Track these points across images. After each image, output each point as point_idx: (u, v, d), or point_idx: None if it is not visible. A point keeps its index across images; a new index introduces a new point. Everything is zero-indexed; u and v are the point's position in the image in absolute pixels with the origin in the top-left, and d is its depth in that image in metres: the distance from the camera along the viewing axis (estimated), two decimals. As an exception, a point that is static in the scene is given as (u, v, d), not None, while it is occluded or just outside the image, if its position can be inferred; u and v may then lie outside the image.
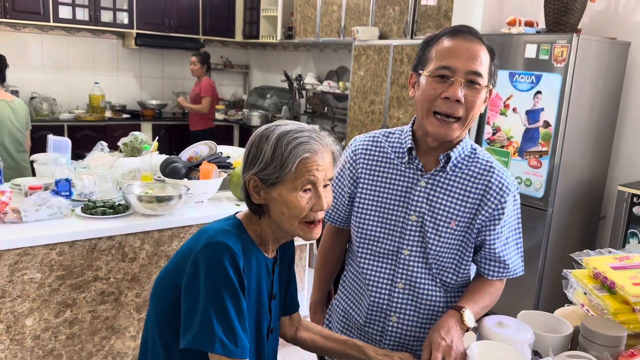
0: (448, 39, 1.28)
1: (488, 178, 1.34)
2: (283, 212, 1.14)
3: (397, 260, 1.39)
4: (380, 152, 1.42)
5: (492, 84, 1.32)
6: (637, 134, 3.13)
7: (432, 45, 1.31)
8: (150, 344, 1.22)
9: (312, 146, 1.12)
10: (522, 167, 3.02)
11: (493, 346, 1.17)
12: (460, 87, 1.25)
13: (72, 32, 5.70)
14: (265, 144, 1.13)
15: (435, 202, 1.35)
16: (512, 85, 3.04)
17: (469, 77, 1.25)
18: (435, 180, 1.36)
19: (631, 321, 1.24)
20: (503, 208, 1.34)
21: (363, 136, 1.47)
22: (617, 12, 3.15)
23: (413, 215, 1.36)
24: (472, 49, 1.26)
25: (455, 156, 1.34)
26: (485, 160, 1.37)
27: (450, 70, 1.25)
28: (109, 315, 2.09)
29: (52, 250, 1.91)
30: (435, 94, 1.27)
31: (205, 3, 6.18)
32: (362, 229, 1.43)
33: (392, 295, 1.40)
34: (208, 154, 2.52)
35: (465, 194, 1.34)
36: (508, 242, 1.39)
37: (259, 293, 1.21)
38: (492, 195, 1.34)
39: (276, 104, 6.26)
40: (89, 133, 5.49)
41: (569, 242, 3.05)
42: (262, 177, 1.13)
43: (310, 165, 1.12)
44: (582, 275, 1.39)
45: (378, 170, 1.41)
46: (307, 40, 5.32)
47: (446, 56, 1.26)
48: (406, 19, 4.09)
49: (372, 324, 1.44)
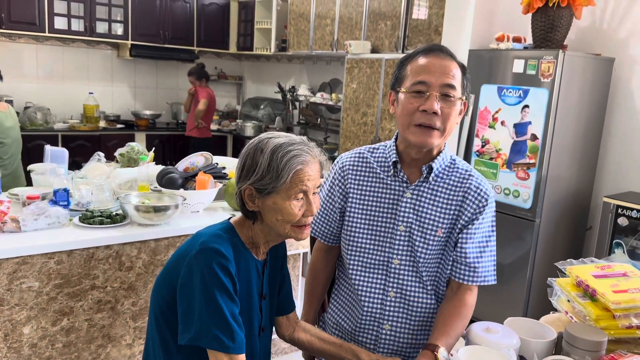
0: (422, 57, 1.38)
1: (467, 185, 1.42)
2: (277, 218, 1.23)
3: (388, 269, 1.45)
4: (367, 166, 1.49)
5: (466, 96, 1.40)
6: (622, 146, 3.22)
7: (407, 64, 1.40)
8: (151, 342, 1.30)
9: (305, 158, 1.21)
10: (510, 178, 3.09)
11: (480, 351, 1.22)
12: (436, 100, 1.33)
13: (67, 42, 5.74)
14: (261, 157, 1.21)
15: (421, 211, 1.42)
16: (500, 99, 3.12)
17: (443, 90, 1.34)
18: (420, 190, 1.43)
19: (611, 327, 1.30)
20: (480, 213, 1.41)
21: (349, 153, 1.55)
22: (602, 29, 3.25)
23: (401, 226, 1.43)
24: (444, 65, 1.35)
25: (437, 167, 1.42)
26: (464, 169, 1.45)
27: (425, 85, 1.34)
28: (106, 324, 2.12)
29: (51, 259, 1.94)
30: (413, 107, 1.35)
31: (199, 15, 6.25)
32: (353, 241, 1.49)
33: (384, 304, 1.46)
34: (204, 164, 2.57)
35: (448, 202, 1.42)
36: (480, 247, 1.43)
37: (249, 293, 1.29)
38: (470, 200, 1.41)
39: (270, 114, 6.33)
40: (83, 143, 5.51)
41: (556, 252, 3.12)
42: (258, 187, 1.22)
43: (303, 176, 1.21)
44: (566, 284, 1.44)
45: (366, 184, 1.48)
46: (301, 52, 5.40)
47: (421, 72, 1.35)
48: (397, 34, 4.18)
49: (366, 333, 1.49)
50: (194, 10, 6.19)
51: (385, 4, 4.30)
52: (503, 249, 3.15)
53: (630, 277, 1.39)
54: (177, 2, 6.07)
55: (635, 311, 1.29)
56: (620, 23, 3.17)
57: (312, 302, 1.65)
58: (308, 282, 1.66)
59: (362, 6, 4.53)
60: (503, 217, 3.11)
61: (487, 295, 3.19)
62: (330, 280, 1.67)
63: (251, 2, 6.23)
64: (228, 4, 6.45)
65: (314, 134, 5.78)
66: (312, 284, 1.64)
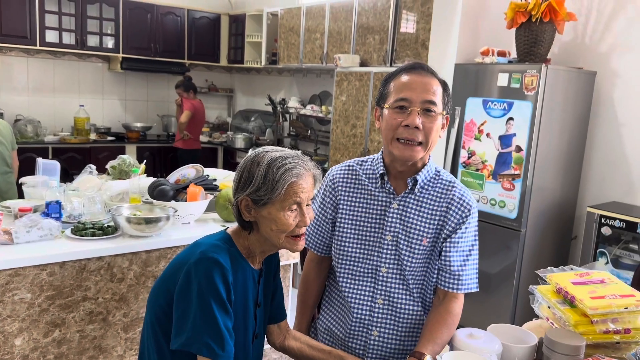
0: (404, 74, 1.45)
1: (450, 195, 1.48)
2: (272, 228, 1.29)
3: (376, 277, 1.50)
4: (356, 179, 1.55)
5: (447, 111, 1.47)
6: (605, 157, 3.30)
7: (390, 81, 1.47)
8: (146, 346, 1.34)
9: (299, 171, 1.28)
10: (496, 189, 3.15)
11: (463, 356, 1.26)
12: (417, 116, 1.40)
13: (58, 55, 5.77)
14: (257, 169, 1.27)
15: (408, 221, 1.48)
16: (485, 112, 3.19)
17: (425, 106, 1.41)
18: (406, 201, 1.49)
19: (590, 332, 1.35)
20: (463, 222, 1.46)
21: (339, 166, 1.61)
22: (584, 43, 3.34)
23: (388, 235, 1.49)
24: (425, 82, 1.42)
25: (421, 179, 1.48)
26: (448, 180, 1.51)
27: (407, 101, 1.41)
28: (97, 335, 2.13)
29: (43, 271, 1.96)
30: (396, 123, 1.42)
31: (190, 28, 6.31)
32: (342, 250, 1.54)
33: (372, 311, 1.51)
34: (195, 176, 2.60)
35: (433, 212, 1.47)
36: (464, 255, 1.48)
37: (245, 301, 1.34)
38: (454, 210, 1.47)
39: (260, 126, 6.37)
40: (73, 155, 5.53)
41: (542, 261, 3.17)
42: (254, 198, 1.27)
43: (297, 188, 1.27)
44: (547, 291, 1.49)
45: (355, 195, 1.54)
46: (291, 65, 5.47)
47: (403, 89, 1.42)
48: (386, 48, 4.25)
49: (355, 339, 1.54)
50: (184, 23, 6.25)
51: (374, 19, 4.39)
52: (490, 259, 3.20)
53: (608, 284, 1.44)
54: (168, 15, 6.13)
55: (612, 316, 1.34)
56: (601, 38, 3.26)
57: (305, 313, 1.69)
58: (300, 292, 1.69)
59: (351, 21, 4.61)
60: (489, 227, 3.16)
61: (475, 303, 3.24)
62: (322, 291, 1.71)
63: (242, 16, 6.31)
64: (219, 17, 6.52)
65: (304, 146, 5.83)
66: (305, 295, 1.68)
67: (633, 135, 3.16)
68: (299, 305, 1.70)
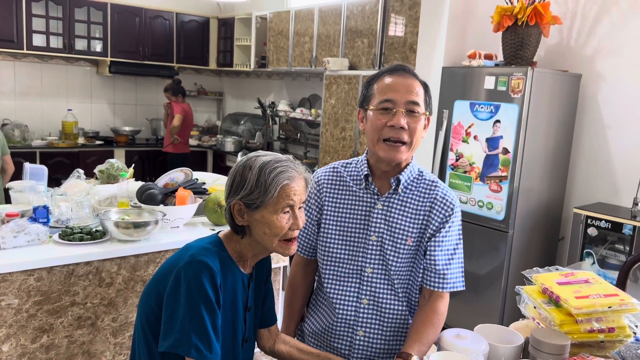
0: (387, 76, 1.47)
1: (434, 195, 1.50)
2: (265, 232, 1.30)
3: (361, 278, 1.52)
4: (341, 180, 1.57)
5: (429, 111, 1.49)
6: (591, 159, 3.34)
7: (373, 83, 1.49)
8: (137, 346, 1.35)
9: (291, 174, 1.29)
10: (483, 191, 3.18)
11: (450, 356, 1.28)
12: (402, 116, 1.42)
13: (45, 59, 5.74)
14: (249, 173, 1.28)
15: (392, 222, 1.49)
16: (473, 115, 3.22)
17: (409, 106, 1.43)
18: (390, 202, 1.50)
19: (574, 331, 1.37)
20: (446, 222, 1.48)
21: (324, 168, 1.63)
22: (569, 46, 3.39)
23: (373, 236, 1.50)
24: (408, 83, 1.45)
25: (404, 179, 1.50)
26: (430, 180, 1.53)
27: (391, 102, 1.43)
28: (86, 340, 2.12)
29: (30, 276, 1.95)
30: (381, 124, 1.44)
31: (179, 32, 6.30)
32: (327, 251, 1.55)
33: (358, 311, 1.52)
34: (184, 180, 2.60)
35: (417, 211, 1.49)
36: (449, 254, 1.49)
37: (234, 305, 1.34)
38: (437, 209, 1.49)
39: (250, 130, 6.37)
40: (61, 160, 5.49)
41: (529, 262, 3.20)
42: (247, 201, 1.28)
43: (289, 190, 1.28)
44: (532, 291, 1.51)
45: (340, 197, 1.55)
46: (280, 69, 5.48)
47: (387, 91, 1.45)
48: (374, 51, 4.28)
49: (341, 340, 1.55)
50: (173, 27, 6.24)
51: (362, 23, 4.41)
52: (478, 260, 3.22)
53: (592, 284, 1.46)
54: (156, 19, 6.11)
55: (596, 316, 1.37)
56: (586, 41, 3.31)
57: (292, 316, 1.69)
58: (287, 295, 1.70)
59: (340, 24, 4.63)
60: (477, 229, 3.19)
61: (464, 304, 3.27)
62: (309, 293, 1.71)
63: (231, 19, 6.31)
64: (207, 21, 6.52)
65: (294, 149, 5.84)
66: (292, 298, 1.69)
67: (618, 137, 3.20)
68: (286, 308, 1.70)
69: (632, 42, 3.12)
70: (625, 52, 3.15)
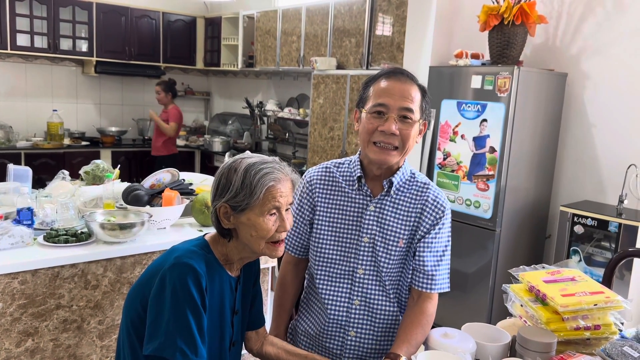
0: (384, 79, 1.46)
1: (425, 197, 1.50)
2: (251, 234, 1.28)
3: (353, 279, 1.52)
4: (333, 180, 1.57)
5: (425, 117, 1.49)
6: (577, 157, 3.37)
7: (370, 85, 1.48)
8: (121, 351, 1.33)
9: (277, 175, 1.28)
10: (471, 190, 3.19)
11: (438, 356, 1.28)
12: (394, 122, 1.42)
13: (29, 59, 5.67)
14: (235, 175, 1.27)
15: (384, 223, 1.49)
16: (460, 114, 3.23)
17: (402, 112, 1.43)
18: (382, 203, 1.50)
19: (561, 329, 1.38)
20: (437, 224, 1.49)
21: (316, 167, 1.62)
22: (555, 45, 3.41)
23: (365, 237, 1.50)
24: (404, 89, 1.43)
25: (397, 181, 1.50)
26: (423, 182, 1.54)
27: (384, 107, 1.43)
28: (72, 343, 2.10)
29: (14, 279, 1.92)
30: (373, 127, 1.44)
31: (166, 31, 6.26)
32: (320, 252, 1.55)
33: (349, 311, 1.52)
34: (170, 181, 2.58)
35: (408, 213, 1.50)
36: (438, 256, 1.50)
37: (221, 309, 1.33)
38: (429, 211, 1.49)
39: (238, 130, 6.35)
40: (46, 161, 5.43)
41: (517, 260, 3.22)
42: (232, 204, 1.27)
43: (275, 192, 1.27)
44: (519, 289, 1.52)
45: (332, 197, 1.55)
46: (268, 68, 5.47)
47: (381, 95, 1.44)
48: (362, 51, 4.28)
49: (332, 340, 1.55)
50: (159, 26, 6.19)
51: (350, 22, 4.41)
52: (465, 258, 3.24)
53: (578, 282, 1.47)
54: (142, 18, 6.07)
55: (582, 313, 1.38)
56: (572, 40, 3.34)
57: (282, 315, 1.69)
58: (277, 295, 1.70)
59: (327, 24, 4.63)
60: (464, 227, 3.20)
61: (452, 303, 3.28)
62: (299, 292, 1.71)
63: (217, 18, 6.28)
64: (194, 20, 6.48)
65: (283, 149, 5.83)
66: (282, 298, 1.68)
67: (603, 136, 3.23)
68: (276, 308, 1.70)
69: (617, 42, 3.15)
70: (610, 51, 3.18)
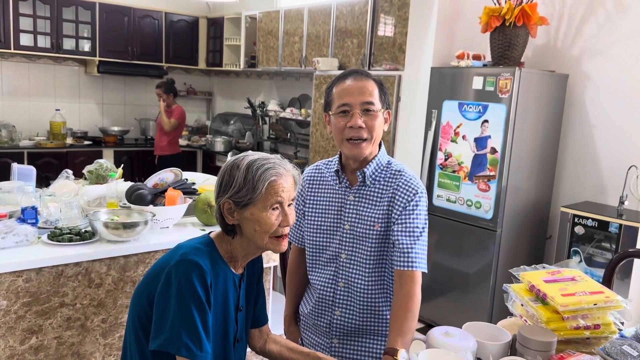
0: (342, 82, 1.60)
1: (396, 182, 1.61)
2: (255, 229, 1.31)
3: (337, 264, 1.66)
4: (321, 177, 1.73)
5: (386, 107, 1.62)
6: (578, 158, 3.38)
7: (332, 88, 1.63)
8: (128, 345, 1.35)
9: (278, 170, 1.31)
10: (472, 190, 3.20)
11: (438, 354, 1.29)
12: (359, 117, 1.56)
13: (32, 59, 5.69)
14: (237, 171, 1.30)
15: (362, 211, 1.63)
16: (461, 115, 3.25)
17: (364, 107, 1.56)
18: (360, 193, 1.64)
19: (561, 328, 1.39)
20: (408, 203, 1.56)
21: (311, 166, 1.79)
22: (556, 47, 3.42)
23: (346, 225, 1.64)
24: (361, 86, 1.57)
25: (369, 171, 1.62)
26: (397, 170, 1.64)
27: (348, 106, 1.57)
28: (75, 341, 2.11)
29: (19, 278, 1.94)
30: (342, 125, 1.58)
31: (168, 31, 6.27)
32: (310, 241, 1.72)
33: (335, 293, 1.67)
34: (173, 180, 2.59)
35: (382, 198, 1.61)
36: (413, 235, 1.54)
37: (225, 305, 1.35)
38: (400, 193, 1.58)
39: (240, 130, 6.36)
40: (49, 160, 5.45)
41: (517, 260, 3.23)
42: (236, 199, 1.30)
43: (277, 187, 1.30)
44: (520, 289, 1.53)
45: (320, 191, 1.71)
46: (270, 69, 5.48)
47: (343, 95, 1.58)
48: (364, 51, 4.30)
49: (321, 318, 1.70)
50: (162, 26, 6.21)
51: (352, 23, 4.42)
52: (467, 259, 3.25)
53: (578, 281, 1.48)
54: (145, 18, 6.08)
55: (582, 313, 1.39)
56: (573, 42, 3.35)
57: (291, 298, 1.85)
58: (287, 280, 1.88)
59: (329, 24, 4.64)
60: (466, 228, 3.22)
61: (453, 302, 3.29)
62: (306, 278, 1.82)
63: (220, 19, 6.29)
64: (197, 20, 6.50)
65: (284, 149, 5.84)
66: (290, 282, 1.85)
67: (604, 137, 3.24)
68: (287, 293, 1.87)
69: (618, 43, 3.16)
70: (611, 52, 3.19)
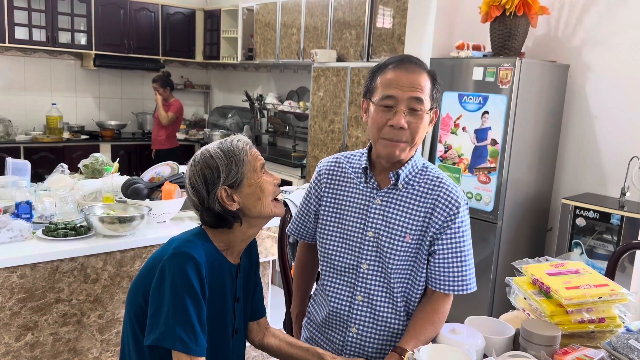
0: (391, 69, 1.39)
1: (437, 192, 1.42)
2: (259, 197, 1.32)
3: (357, 274, 1.46)
4: (342, 172, 1.53)
5: (436, 106, 1.43)
6: (579, 149, 3.35)
7: (377, 74, 1.42)
8: (126, 342, 1.33)
9: (244, 139, 1.35)
10: (472, 182, 3.18)
11: (441, 349, 1.26)
12: (403, 116, 1.36)
13: (28, 52, 5.64)
14: (214, 160, 1.29)
15: (390, 217, 1.43)
16: (461, 106, 3.21)
17: (411, 104, 1.36)
18: (389, 197, 1.44)
19: (565, 322, 1.36)
20: (452, 221, 1.40)
21: (328, 158, 1.59)
22: (557, 37, 3.38)
23: (370, 231, 1.45)
24: (412, 79, 1.36)
25: (404, 174, 1.43)
26: (436, 176, 1.46)
27: (393, 99, 1.36)
28: (71, 337, 2.09)
29: (13, 273, 1.91)
30: (382, 122, 1.38)
31: (165, 24, 6.22)
32: (324, 244, 1.52)
33: (352, 307, 1.47)
34: (170, 174, 2.56)
35: (417, 208, 1.42)
36: (456, 255, 1.42)
37: (222, 296, 1.33)
38: (441, 208, 1.41)
39: (237, 123, 6.32)
40: (46, 155, 5.41)
41: (518, 252, 3.21)
42: (229, 182, 1.29)
43: (254, 152, 1.35)
44: (522, 282, 1.51)
45: (339, 189, 1.51)
46: (268, 61, 5.43)
47: (389, 86, 1.37)
48: (362, 43, 4.25)
49: (334, 332, 1.52)
50: (159, 19, 6.15)
51: (350, 14, 4.38)
52: (468, 252, 3.22)
53: (582, 274, 1.46)
54: (141, 11, 6.02)
55: (586, 306, 1.36)
56: (574, 31, 3.31)
57: (300, 295, 1.72)
58: (295, 276, 1.74)
59: (327, 16, 4.60)
60: (467, 220, 3.19)
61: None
62: (315, 274, 1.73)
63: (217, 11, 6.24)
64: (193, 13, 6.44)
65: (283, 142, 5.81)
66: (299, 278, 1.73)
67: (605, 128, 3.21)
68: (295, 290, 1.75)
69: (619, 33, 3.12)
70: (612, 42, 3.15)
